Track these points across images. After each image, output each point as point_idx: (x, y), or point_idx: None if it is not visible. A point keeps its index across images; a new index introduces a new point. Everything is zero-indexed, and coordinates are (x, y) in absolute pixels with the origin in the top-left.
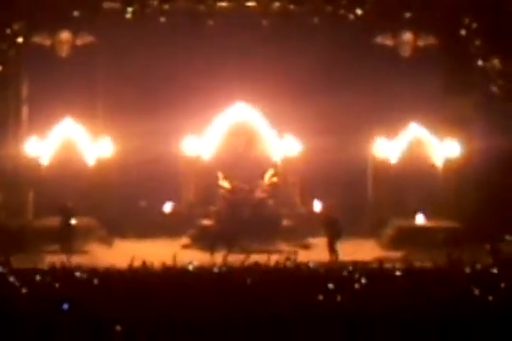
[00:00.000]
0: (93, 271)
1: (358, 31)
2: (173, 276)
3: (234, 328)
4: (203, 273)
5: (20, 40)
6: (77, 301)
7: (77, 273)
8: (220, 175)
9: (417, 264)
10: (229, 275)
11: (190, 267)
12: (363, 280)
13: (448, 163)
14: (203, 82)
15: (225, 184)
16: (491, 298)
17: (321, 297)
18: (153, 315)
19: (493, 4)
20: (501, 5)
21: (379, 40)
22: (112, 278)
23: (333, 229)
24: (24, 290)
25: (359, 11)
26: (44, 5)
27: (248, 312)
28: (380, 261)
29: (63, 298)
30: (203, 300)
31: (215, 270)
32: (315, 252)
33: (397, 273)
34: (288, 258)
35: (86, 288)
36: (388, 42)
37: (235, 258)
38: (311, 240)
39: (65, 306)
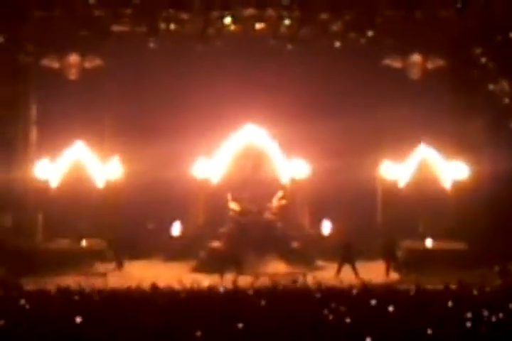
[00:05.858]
0: (102, 293)
1: (367, 53)
2: (182, 298)
3: None
4: (212, 295)
5: (29, 62)
6: (86, 322)
7: (87, 295)
8: (229, 197)
9: (428, 286)
10: (238, 297)
11: (200, 289)
12: (373, 302)
13: (456, 184)
14: (213, 104)
15: (234, 206)
16: (500, 319)
17: (330, 318)
18: (161, 335)
19: (502, 27)
20: (509, 28)
21: (387, 62)
22: (121, 300)
23: (346, 252)
24: (34, 312)
25: (370, 33)
26: (53, 28)
27: (258, 334)
28: (391, 284)
29: (72, 319)
30: (212, 321)
31: (224, 292)
32: (324, 274)
33: (408, 295)
34: (296, 280)
35: (95, 309)
36: (397, 64)
37: (245, 280)
38: (320, 262)
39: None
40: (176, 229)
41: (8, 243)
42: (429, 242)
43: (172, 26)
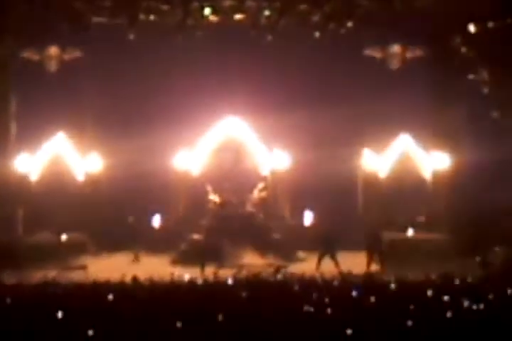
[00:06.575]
0: (83, 286)
1: (347, 44)
2: (163, 291)
3: None
4: (192, 287)
5: (8, 55)
6: (66, 315)
7: (67, 288)
8: (210, 189)
9: (409, 277)
10: (218, 289)
11: (180, 281)
12: (354, 294)
13: (437, 175)
14: (193, 97)
15: (214, 198)
16: (481, 309)
17: (311, 310)
18: (141, 329)
19: (481, 17)
20: (489, 17)
21: (368, 52)
22: (102, 293)
23: (327, 243)
24: (14, 306)
25: (349, 24)
26: (32, 20)
27: (238, 325)
28: (372, 274)
29: (53, 312)
30: (192, 313)
31: (204, 283)
32: (305, 265)
33: (390, 286)
34: (277, 272)
35: (75, 302)
36: (377, 54)
37: (225, 273)
38: (301, 253)
39: None
40: (157, 221)
41: None
42: (410, 233)
43: (152, 17)
